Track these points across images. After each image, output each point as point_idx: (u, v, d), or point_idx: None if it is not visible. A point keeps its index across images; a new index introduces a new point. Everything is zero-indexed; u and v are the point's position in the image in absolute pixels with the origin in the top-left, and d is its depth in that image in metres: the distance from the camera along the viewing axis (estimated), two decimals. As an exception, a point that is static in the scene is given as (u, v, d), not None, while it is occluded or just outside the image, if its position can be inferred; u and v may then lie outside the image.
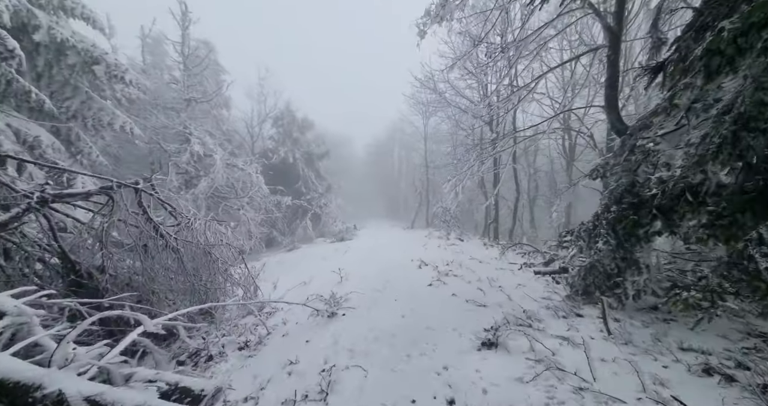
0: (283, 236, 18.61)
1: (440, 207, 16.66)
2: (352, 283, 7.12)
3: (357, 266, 8.71)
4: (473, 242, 14.34)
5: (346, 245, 13.70)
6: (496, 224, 15.14)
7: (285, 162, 21.35)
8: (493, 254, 9.69)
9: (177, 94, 14.11)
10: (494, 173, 16.05)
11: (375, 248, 11.92)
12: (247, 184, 15.53)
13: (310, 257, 12.22)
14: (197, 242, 5.42)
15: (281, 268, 10.97)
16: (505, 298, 5.41)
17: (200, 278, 5.79)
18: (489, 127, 15.64)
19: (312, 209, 20.64)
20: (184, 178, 13.57)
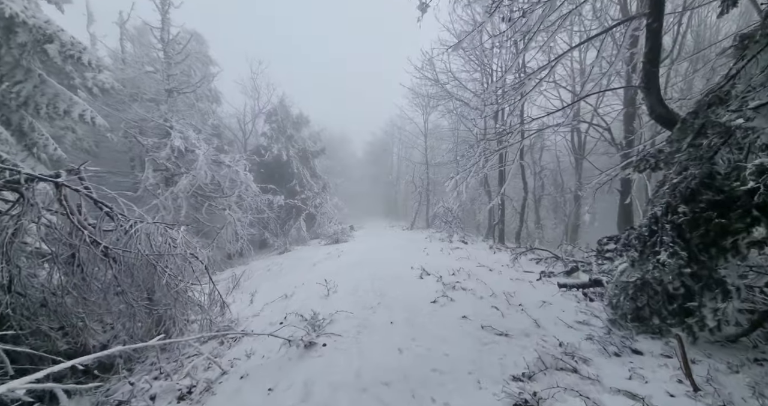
0: (275, 237, 17.39)
1: (442, 207, 15.46)
2: (340, 297, 5.91)
3: (349, 274, 7.50)
4: (478, 244, 13.12)
5: (341, 248, 12.48)
6: (502, 225, 13.93)
7: (278, 160, 20.13)
8: (503, 260, 8.47)
9: (158, 85, 12.88)
10: (500, 171, 14.84)
11: (371, 251, 10.70)
12: (235, 183, 14.31)
13: (300, 261, 11.00)
14: (137, 252, 4.20)
15: (267, 275, 9.77)
16: (531, 322, 4.20)
17: (148, 296, 4.57)
18: (494, 121, 14.43)
19: (306, 208, 19.43)
20: (164, 176, 12.34)
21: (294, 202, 18.99)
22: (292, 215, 19.25)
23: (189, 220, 13.14)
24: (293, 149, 20.98)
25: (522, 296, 5.36)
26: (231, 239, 13.18)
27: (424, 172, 22.03)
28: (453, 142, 18.76)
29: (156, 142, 12.03)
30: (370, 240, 14.87)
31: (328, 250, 12.58)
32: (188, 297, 4.65)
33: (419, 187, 22.27)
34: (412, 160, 23.50)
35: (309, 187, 20.93)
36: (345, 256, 10.43)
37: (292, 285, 7.23)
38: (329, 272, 8.16)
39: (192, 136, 12.44)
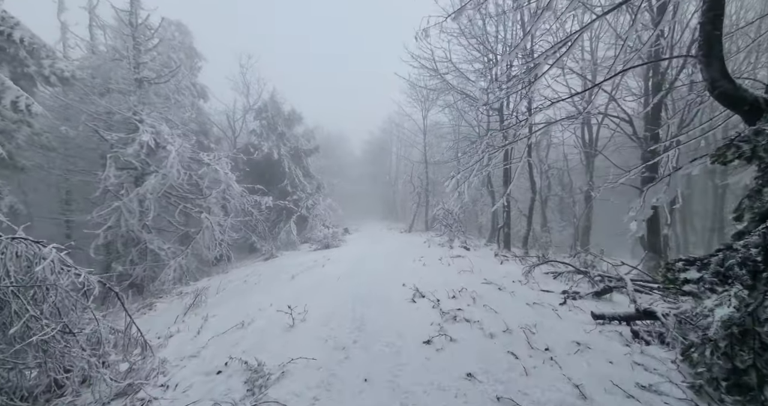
0: (263, 241, 16.01)
1: (441, 209, 14.04)
2: (309, 328, 4.51)
3: (327, 293, 6.10)
4: (481, 250, 11.69)
5: (329, 255, 11.08)
6: (508, 229, 12.50)
7: (269, 158, 18.77)
8: (513, 273, 7.05)
9: (128, 74, 11.51)
10: (504, 169, 13.39)
11: (360, 261, 9.30)
12: (218, 183, 12.94)
13: (281, 271, 9.61)
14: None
15: (240, 289, 8.38)
16: (570, 388, 2.78)
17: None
18: (499, 114, 13.00)
19: (298, 210, 18.04)
20: (133, 175, 10.97)
21: (284, 203, 17.60)
22: (283, 217, 17.87)
23: (162, 224, 11.78)
24: (285, 148, 19.62)
25: (547, 333, 3.93)
26: (210, 244, 11.81)
27: (423, 172, 20.61)
28: (453, 139, 17.33)
29: (122, 137, 10.66)
30: (363, 245, 13.46)
31: (315, 257, 11.18)
32: (73, 343, 3.22)
33: (418, 188, 20.86)
34: (410, 158, 22.09)
35: (301, 188, 19.56)
36: (330, 266, 9.02)
37: (258, 307, 5.83)
38: (306, 288, 6.76)
39: (165, 131, 11.05)
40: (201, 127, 18.18)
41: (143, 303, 8.98)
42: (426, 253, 10.30)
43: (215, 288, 8.97)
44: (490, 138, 11.53)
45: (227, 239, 12.65)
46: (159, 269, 10.35)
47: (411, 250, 11.23)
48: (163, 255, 10.40)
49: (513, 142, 9.22)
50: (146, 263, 10.24)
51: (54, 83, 10.32)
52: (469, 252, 10.87)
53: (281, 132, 19.38)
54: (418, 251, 10.99)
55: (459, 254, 9.94)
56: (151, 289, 9.83)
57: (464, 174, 9.52)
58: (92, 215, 9.17)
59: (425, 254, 9.80)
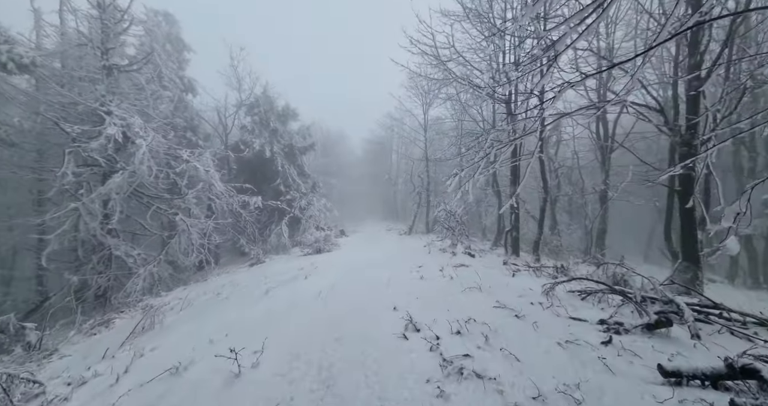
0: (252, 244, 14.77)
1: (443, 210, 12.69)
2: (260, 379, 3.23)
3: (298, 319, 4.81)
4: (487, 257, 10.33)
5: (317, 263, 9.78)
6: (517, 232, 11.12)
7: (260, 156, 17.52)
8: (529, 289, 5.71)
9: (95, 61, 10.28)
10: (512, 167, 11.99)
11: (350, 272, 7.99)
12: (205, 182, 11.72)
13: (260, 282, 8.33)
14: None
15: (206, 305, 7.13)
16: None
17: None
18: (506, 106, 11.62)
19: (291, 211, 16.77)
20: (99, 173, 9.75)
21: (276, 204, 16.34)
22: (274, 218, 16.62)
23: (134, 227, 10.55)
24: (278, 145, 18.36)
25: (597, 402, 2.59)
26: (188, 249, 10.57)
27: (424, 170, 19.25)
28: (455, 135, 15.95)
29: (86, 130, 9.45)
30: (357, 251, 12.15)
31: (302, 264, 9.89)
32: None
33: (418, 187, 19.50)
34: (411, 157, 20.74)
35: (296, 187, 18.29)
36: (315, 277, 7.72)
37: (210, 337, 4.54)
38: (277, 309, 5.47)
39: (136, 124, 9.81)
40: (189, 123, 16.97)
41: (100, 319, 7.75)
42: (426, 260, 8.96)
43: (184, 302, 7.72)
44: (498, 132, 10.16)
45: (209, 243, 11.42)
46: (127, 278, 9.13)
47: (409, 256, 9.90)
48: (132, 262, 9.16)
49: (524, 135, 7.86)
50: (111, 272, 9.01)
51: (12, 70, 9.12)
52: (474, 260, 9.52)
53: (274, 128, 18.12)
54: (416, 257, 9.66)
55: (463, 262, 8.59)
56: (114, 301, 8.60)
57: (468, 172, 8.18)
58: (45, 218, 7.94)
59: (425, 263, 8.47)
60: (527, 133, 7.85)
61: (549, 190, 11.01)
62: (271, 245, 14.76)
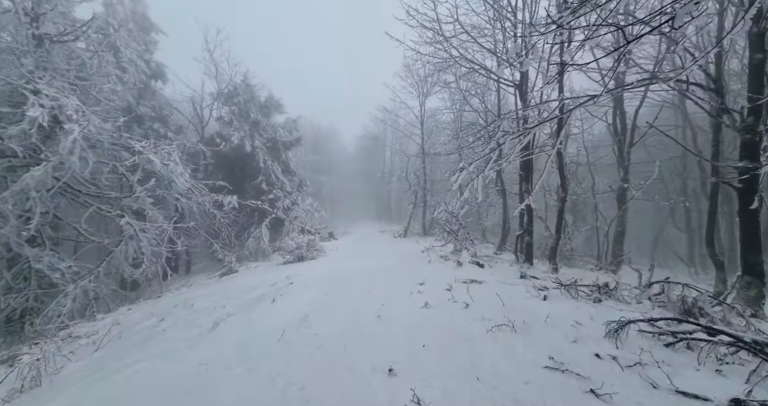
0: (228, 249, 12.83)
1: (443, 211, 10.96)
2: None
3: (237, 387, 2.99)
4: (499, 267, 8.62)
5: (294, 276, 7.93)
6: (530, 237, 9.44)
7: (239, 151, 15.54)
8: (583, 326, 3.98)
9: (21, 27, 8.22)
10: (522, 162, 10.30)
11: (332, 289, 6.18)
12: (164, 177, 9.76)
13: (214, 306, 6.46)
14: None
15: (130, 344, 5.24)
16: None
17: None
18: (518, 91, 9.92)
19: (273, 212, 14.85)
20: (18, 165, 7.72)
21: (256, 204, 14.40)
22: (255, 220, 14.68)
23: (67, 233, 8.55)
24: (260, 139, 16.39)
25: None
26: (145, 259, 8.61)
27: (420, 167, 17.50)
28: (455, 128, 14.21)
29: (4, 112, 7.42)
30: (345, 258, 10.32)
31: (275, 277, 8.02)
32: None
33: (414, 186, 17.74)
34: (406, 152, 18.96)
35: (280, 186, 16.36)
36: (285, 300, 5.88)
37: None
38: (210, 368, 3.62)
39: (70, 106, 7.80)
40: (157, 113, 14.90)
41: (5, 354, 5.81)
42: (427, 273, 7.20)
43: (113, 333, 5.82)
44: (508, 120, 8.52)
45: (169, 251, 9.48)
46: (52, 298, 7.14)
47: (406, 267, 8.13)
48: (58, 278, 7.18)
49: (547, 120, 6.11)
50: (30, 290, 7.02)
51: None
52: (485, 271, 7.80)
53: (255, 120, 16.15)
54: (415, 268, 7.91)
55: (472, 276, 6.85)
56: (30, 329, 6.62)
57: (478, 165, 6.46)
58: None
59: (426, 277, 6.70)
60: (548, 118, 6.09)
61: (567, 189, 9.37)
62: (249, 250, 12.84)
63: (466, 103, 13.59)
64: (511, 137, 6.05)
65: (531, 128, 6.09)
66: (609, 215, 13.99)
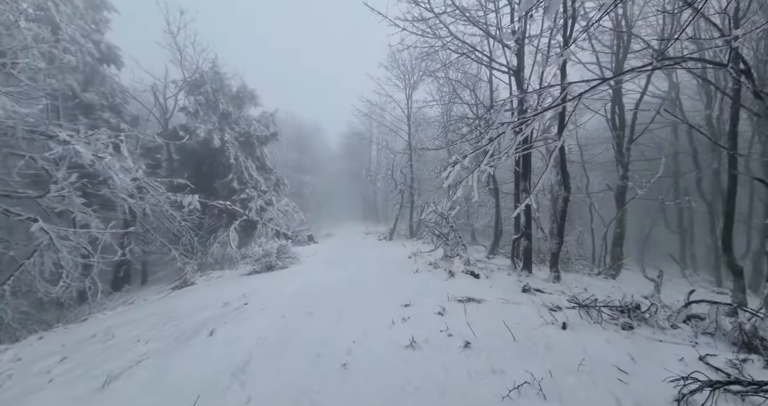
0: (190, 256, 11.18)
1: (432, 212, 9.72)
2: None
3: None
4: (496, 277, 7.43)
5: (254, 292, 6.50)
6: (529, 242, 8.32)
7: (207, 145, 13.82)
8: (630, 375, 2.75)
9: None
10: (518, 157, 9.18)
11: (293, 314, 4.81)
12: (100, 173, 8.10)
13: (133, 339, 4.97)
14: None
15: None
16: None
17: None
18: (515, 78, 8.78)
19: (245, 214, 13.25)
20: None
21: (225, 204, 12.77)
22: (223, 222, 13.03)
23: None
24: (231, 133, 14.72)
25: None
26: (69, 272, 6.94)
27: (407, 165, 16.24)
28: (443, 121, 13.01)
29: None
30: (320, 267, 8.92)
31: (232, 294, 6.55)
32: None
33: (401, 185, 16.47)
34: (392, 149, 17.67)
35: (253, 184, 14.75)
36: (226, 333, 4.46)
37: None
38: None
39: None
40: (109, 102, 13.02)
41: None
42: (413, 288, 5.93)
43: (5, 375, 4.26)
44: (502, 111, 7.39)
45: (101, 262, 7.82)
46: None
47: (389, 280, 6.83)
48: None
49: (552, 107, 4.96)
50: None
51: None
52: (482, 284, 6.59)
53: (225, 112, 14.47)
54: (399, 282, 6.61)
55: (468, 293, 5.62)
56: None
57: (473, 160, 5.24)
58: None
59: (412, 295, 5.41)
60: (556, 104, 4.96)
61: (570, 187, 8.31)
62: (214, 257, 11.22)
63: (455, 96, 12.41)
64: (511, 126, 4.84)
65: (537, 114, 4.87)
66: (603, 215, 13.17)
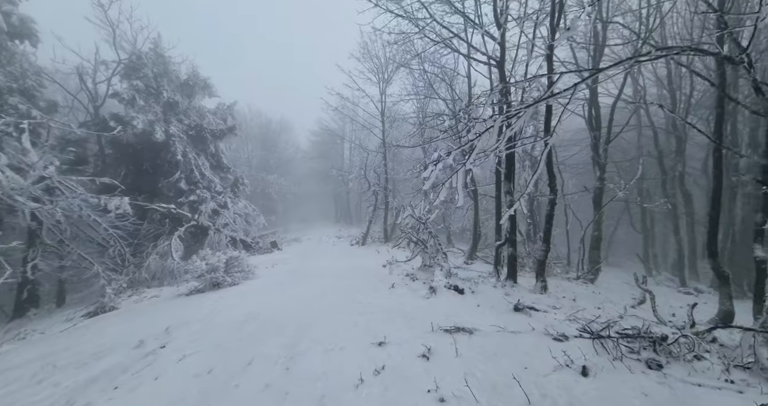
0: (121, 270, 9.18)
1: (409, 216, 8.65)
2: None
3: None
4: (482, 290, 6.49)
5: (178, 324, 4.98)
6: (514, 248, 7.50)
7: (147, 139, 11.72)
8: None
9: None
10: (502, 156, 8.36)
11: (219, 374, 3.40)
12: None
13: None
14: None
15: None
16: None
17: None
18: (499, 70, 7.95)
19: (194, 218, 11.35)
20: None
21: (168, 208, 10.80)
22: (166, 229, 11.04)
23: None
24: (179, 125, 12.69)
25: None
26: None
27: (381, 165, 15.11)
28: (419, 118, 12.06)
29: None
30: (278, 283, 7.46)
31: (149, 329, 4.96)
32: None
33: (374, 185, 15.30)
34: (365, 148, 16.45)
35: (206, 184, 12.81)
36: (120, 400, 2.98)
37: None
38: None
39: None
40: (19, 84, 10.52)
41: None
42: (390, 314, 4.79)
43: None
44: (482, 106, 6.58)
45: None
46: None
47: (360, 302, 5.62)
48: None
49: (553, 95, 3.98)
50: None
51: None
52: (467, 302, 5.60)
53: (171, 101, 12.41)
54: (372, 304, 5.44)
55: (456, 319, 4.61)
56: None
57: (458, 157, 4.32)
58: None
59: (389, 327, 4.27)
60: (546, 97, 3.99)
61: (557, 189, 7.64)
62: (151, 271, 9.29)
63: (432, 90, 11.49)
64: (501, 119, 3.91)
65: (529, 106, 3.97)
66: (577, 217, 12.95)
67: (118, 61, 12.44)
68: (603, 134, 10.70)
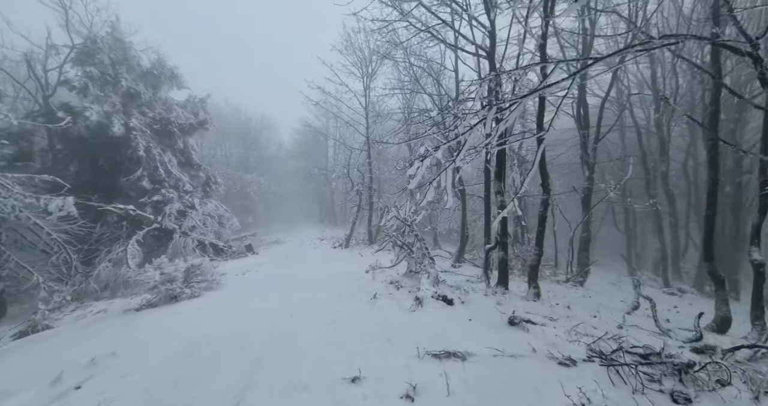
0: (64, 281, 8.00)
1: (394, 217, 7.95)
2: None
3: None
4: (473, 300, 5.88)
5: (111, 352, 4.07)
6: (505, 252, 6.95)
7: (103, 132, 10.48)
8: None
9: None
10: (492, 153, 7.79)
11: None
12: None
13: None
14: None
15: None
16: None
17: None
18: (488, 61, 7.36)
19: (156, 221, 10.22)
20: None
21: (124, 209, 9.65)
22: (124, 233, 9.86)
23: None
24: (141, 118, 11.47)
25: None
26: None
27: (366, 163, 14.36)
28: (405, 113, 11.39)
29: None
30: (246, 295, 6.58)
31: (68, 363, 4.00)
32: None
33: (358, 185, 14.52)
34: (349, 145, 15.63)
35: (173, 183, 11.66)
36: None
37: None
38: None
39: None
40: (-56, 66, 9.08)
41: None
42: (369, 335, 4.08)
43: None
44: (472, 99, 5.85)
45: None
46: None
47: (336, 319, 4.87)
48: None
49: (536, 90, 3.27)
50: None
51: None
52: (457, 314, 4.97)
53: (132, 91, 11.18)
54: (349, 322, 4.71)
55: (445, 340, 3.97)
56: None
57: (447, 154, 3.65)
58: None
59: (367, 353, 3.56)
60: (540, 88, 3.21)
61: (549, 189, 7.16)
62: (101, 281, 8.16)
63: (418, 85, 10.85)
64: (494, 111, 3.28)
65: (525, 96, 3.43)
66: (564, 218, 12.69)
67: (72, 45, 11.09)
68: (592, 133, 10.40)
